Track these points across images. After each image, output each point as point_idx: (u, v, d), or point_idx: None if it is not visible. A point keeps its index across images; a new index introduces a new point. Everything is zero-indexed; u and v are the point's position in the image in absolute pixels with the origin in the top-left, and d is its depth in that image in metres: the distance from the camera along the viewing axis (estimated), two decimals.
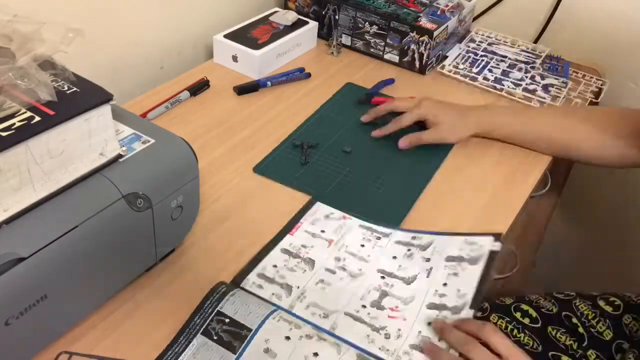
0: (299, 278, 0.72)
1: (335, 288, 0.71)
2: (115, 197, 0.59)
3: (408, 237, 0.78)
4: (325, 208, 0.83)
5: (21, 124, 0.53)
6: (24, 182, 0.54)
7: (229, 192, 0.85)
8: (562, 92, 1.10)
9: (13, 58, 0.55)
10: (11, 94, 0.54)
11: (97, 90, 0.59)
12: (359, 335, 0.66)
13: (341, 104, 1.06)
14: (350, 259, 0.75)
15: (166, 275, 0.72)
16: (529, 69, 1.16)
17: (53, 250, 0.54)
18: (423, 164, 0.93)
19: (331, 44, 1.20)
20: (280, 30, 1.16)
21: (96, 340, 0.64)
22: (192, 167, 0.68)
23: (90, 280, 0.62)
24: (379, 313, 0.69)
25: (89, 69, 0.67)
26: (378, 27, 1.16)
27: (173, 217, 0.68)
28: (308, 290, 0.71)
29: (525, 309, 0.92)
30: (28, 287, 0.54)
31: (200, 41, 1.18)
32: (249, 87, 1.07)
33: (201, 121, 0.98)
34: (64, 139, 0.56)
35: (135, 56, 1.06)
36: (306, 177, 0.89)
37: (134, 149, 0.64)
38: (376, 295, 0.71)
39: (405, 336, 0.66)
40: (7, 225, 0.53)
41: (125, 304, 0.68)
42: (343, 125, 1.00)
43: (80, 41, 0.58)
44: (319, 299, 0.70)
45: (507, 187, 0.90)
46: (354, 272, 0.74)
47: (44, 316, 0.57)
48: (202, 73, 1.08)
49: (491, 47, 1.23)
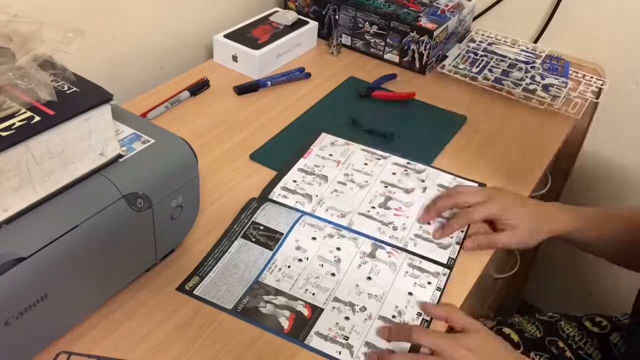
0: (316, 189, 0.86)
1: (348, 195, 0.86)
2: (115, 197, 0.59)
3: (404, 162, 0.92)
4: (330, 137, 0.96)
5: (21, 124, 0.53)
6: (24, 182, 0.54)
7: (229, 192, 0.85)
8: (562, 91, 1.10)
9: (13, 58, 0.55)
10: (11, 94, 0.54)
11: (97, 90, 0.59)
12: (372, 229, 0.80)
13: (342, 97, 1.08)
14: (356, 174, 0.89)
15: (166, 275, 0.72)
16: (529, 69, 1.16)
17: (53, 250, 0.54)
18: (422, 161, 0.93)
19: (331, 43, 1.20)
20: (280, 30, 1.16)
21: (96, 340, 0.64)
22: (192, 167, 0.68)
23: (91, 280, 0.62)
24: (386, 212, 0.83)
25: (89, 69, 0.67)
26: (378, 27, 1.16)
27: (173, 217, 0.68)
28: (325, 198, 0.85)
29: (507, 332, 0.89)
30: (28, 287, 0.54)
31: (200, 41, 1.18)
32: (249, 87, 1.07)
33: (201, 121, 0.98)
34: (64, 139, 0.56)
35: (135, 56, 1.06)
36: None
37: (134, 149, 0.64)
38: (382, 199, 0.85)
39: (410, 228, 0.81)
40: (7, 225, 0.53)
41: (125, 304, 0.68)
42: (344, 115, 1.02)
43: (80, 41, 0.58)
44: (336, 204, 0.84)
45: (507, 187, 0.90)
46: (362, 183, 0.88)
47: (44, 316, 0.57)
48: (202, 73, 1.08)
49: (491, 47, 1.23)
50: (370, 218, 0.82)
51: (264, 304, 0.69)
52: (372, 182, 0.88)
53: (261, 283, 0.72)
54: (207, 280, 0.72)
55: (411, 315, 0.70)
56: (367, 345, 0.66)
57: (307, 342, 0.66)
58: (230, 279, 0.72)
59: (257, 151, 0.93)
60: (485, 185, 0.89)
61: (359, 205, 0.84)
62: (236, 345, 0.65)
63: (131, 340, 0.65)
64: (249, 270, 0.73)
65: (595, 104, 1.16)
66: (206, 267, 0.73)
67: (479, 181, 0.90)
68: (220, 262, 0.74)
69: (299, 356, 0.65)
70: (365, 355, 0.65)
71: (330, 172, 0.89)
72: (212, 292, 0.70)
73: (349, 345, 0.66)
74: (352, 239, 0.78)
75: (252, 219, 0.79)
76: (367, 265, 0.75)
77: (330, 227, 0.80)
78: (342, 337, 0.67)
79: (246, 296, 0.70)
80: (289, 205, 0.83)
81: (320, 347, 0.66)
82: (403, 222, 0.82)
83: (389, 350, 0.66)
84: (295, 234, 0.77)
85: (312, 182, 0.87)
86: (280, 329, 0.67)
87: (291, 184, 0.86)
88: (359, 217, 0.82)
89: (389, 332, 0.67)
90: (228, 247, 0.76)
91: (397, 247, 0.78)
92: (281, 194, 0.84)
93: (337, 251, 0.76)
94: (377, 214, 0.83)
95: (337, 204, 0.84)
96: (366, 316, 0.69)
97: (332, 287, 0.72)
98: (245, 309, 0.69)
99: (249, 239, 0.77)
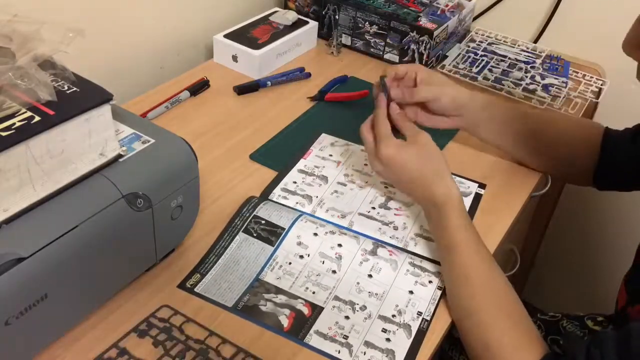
0: (316, 190, 0.86)
1: (348, 196, 0.85)
2: (115, 197, 0.59)
3: None
4: (330, 137, 0.96)
5: (21, 124, 0.53)
6: (24, 182, 0.54)
7: (229, 192, 0.85)
8: (562, 91, 1.10)
9: (13, 58, 0.55)
10: (11, 94, 0.54)
11: (97, 90, 0.59)
12: (372, 229, 0.80)
13: None
14: (356, 174, 0.89)
15: (166, 275, 0.72)
16: (529, 69, 1.16)
17: (53, 250, 0.54)
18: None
19: (331, 43, 1.20)
20: (280, 30, 1.16)
21: (96, 340, 0.64)
22: (192, 167, 0.68)
23: (91, 280, 0.62)
24: (386, 212, 0.83)
25: (89, 69, 0.67)
26: (378, 27, 1.16)
27: (173, 217, 0.68)
28: (325, 199, 0.85)
29: None
30: (28, 287, 0.54)
31: (200, 41, 1.18)
32: (249, 87, 1.07)
33: (201, 121, 0.98)
34: (64, 139, 0.56)
35: (135, 56, 1.06)
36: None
37: (134, 149, 0.64)
38: (382, 200, 0.85)
39: (410, 228, 0.81)
40: (7, 225, 0.53)
41: (125, 304, 0.68)
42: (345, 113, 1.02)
43: (80, 41, 0.58)
44: (336, 204, 0.84)
45: (507, 187, 0.90)
46: (362, 184, 0.88)
47: (44, 316, 0.57)
48: (202, 73, 1.08)
49: (491, 46, 1.23)
50: (370, 218, 0.82)
51: (264, 302, 0.69)
52: (372, 183, 0.88)
53: (262, 281, 0.72)
54: (208, 278, 0.72)
55: (411, 315, 0.70)
56: (367, 344, 0.66)
57: (306, 340, 0.66)
58: (231, 276, 0.72)
59: (257, 151, 0.93)
60: (485, 187, 0.88)
61: (359, 205, 0.84)
62: (236, 345, 0.65)
63: (131, 340, 0.65)
64: (249, 267, 0.73)
65: (595, 104, 1.16)
66: (207, 265, 0.73)
67: (480, 181, 0.90)
68: (222, 259, 0.74)
69: (300, 355, 0.65)
70: (365, 355, 0.65)
71: (330, 172, 0.89)
72: (213, 289, 0.71)
73: (348, 345, 0.66)
74: (354, 237, 0.78)
75: (254, 213, 0.79)
76: (369, 262, 0.75)
77: (332, 226, 0.80)
78: (342, 336, 0.67)
79: (247, 294, 0.70)
80: (289, 206, 0.83)
81: (319, 345, 0.66)
82: (404, 222, 0.82)
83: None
84: (296, 229, 0.77)
85: (312, 183, 0.87)
86: (280, 327, 0.67)
87: (291, 185, 0.86)
88: (360, 218, 0.82)
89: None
90: (229, 242, 0.76)
91: (397, 247, 0.78)
92: (281, 195, 0.84)
93: (338, 247, 0.76)
94: (377, 214, 0.83)
95: (337, 205, 0.84)
96: (366, 315, 0.69)
97: (332, 286, 0.72)
98: (246, 307, 0.69)
99: (250, 234, 0.77)
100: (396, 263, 0.75)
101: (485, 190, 0.89)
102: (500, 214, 0.85)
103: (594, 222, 1.44)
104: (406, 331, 0.68)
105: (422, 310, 0.71)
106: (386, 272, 0.74)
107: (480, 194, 0.88)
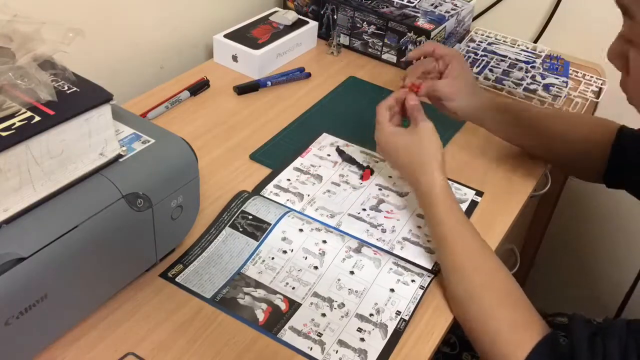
0: (309, 188, 0.86)
1: (340, 196, 0.85)
2: (115, 197, 0.59)
3: None
4: (331, 137, 0.96)
5: (21, 123, 0.53)
6: (24, 182, 0.54)
7: (229, 192, 0.85)
8: (562, 91, 1.10)
9: (13, 58, 0.55)
10: (11, 94, 0.54)
11: (97, 90, 0.59)
12: (360, 230, 0.80)
13: (343, 97, 1.08)
14: (352, 175, 0.89)
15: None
16: (530, 69, 1.16)
17: (53, 250, 0.54)
18: None
19: (331, 43, 1.20)
20: (280, 30, 1.16)
21: (96, 340, 0.64)
22: (192, 167, 0.68)
23: (91, 280, 0.62)
24: (376, 214, 0.83)
25: (89, 69, 0.67)
26: (376, 27, 1.16)
27: (173, 217, 0.68)
28: (317, 198, 0.84)
29: None
30: (28, 287, 0.54)
31: (200, 41, 1.18)
32: (249, 87, 1.07)
33: (201, 121, 0.98)
34: (64, 138, 0.56)
35: (135, 56, 1.06)
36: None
37: (134, 149, 0.64)
38: (374, 202, 0.85)
39: (399, 231, 0.81)
40: (7, 225, 0.53)
41: (125, 304, 0.68)
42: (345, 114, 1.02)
43: (80, 41, 0.58)
44: (326, 204, 0.83)
45: (507, 187, 0.90)
46: (356, 185, 0.87)
47: (44, 316, 0.57)
48: (202, 73, 1.08)
49: (491, 46, 1.23)
50: (359, 220, 0.82)
51: (242, 295, 0.70)
52: (366, 184, 0.87)
53: (243, 274, 0.72)
54: (190, 269, 0.72)
55: (389, 315, 0.69)
56: (340, 343, 0.66)
57: (279, 335, 0.66)
58: (213, 269, 0.73)
59: (257, 151, 0.93)
60: (483, 194, 0.88)
61: (350, 206, 0.83)
62: (236, 344, 0.65)
63: (131, 340, 0.65)
64: (232, 261, 0.74)
65: (595, 104, 1.16)
66: (191, 256, 0.74)
67: (480, 181, 0.90)
68: (206, 252, 0.75)
69: (298, 357, 0.65)
70: (337, 353, 0.65)
71: (325, 172, 0.89)
72: (193, 280, 0.71)
73: (321, 342, 0.66)
74: (340, 235, 0.78)
75: (242, 208, 0.80)
76: (352, 259, 0.75)
77: (319, 224, 0.80)
78: (316, 333, 0.67)
79: (226, 287, 0.71)
80: (279, 202, 0.83)
81: (292, 341, 0.66)
82: (393, 225, 0.81)
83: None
84: (282, 225, 0.77)
85: (306, 181, 0.87)
86: (255, 321, 0.67)
87: (284, 182, 0.86)
88: (348, 218, 0.82)
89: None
90: (216, 236, 0.77)
91: (382, 249, 0.77)
92: (273, 192, 0.84)
93: (322, 244, 0.76)
94: (367, 216, 0.82)
95: (327, 205, 0.83)
96: (343, 313, 0.69)
97: (312, 282, 0.72)
98: (224, 299, 0.69)
99: (236, 229, 0.77)
100: (380, 261, 0.75)
101: (482, 198, 0.87)
102: (500, 214, 0.85)
103: (594, 222, 1.44)
104: (382, 331, 0.68)
105: (402, 309, 0.70)
106: (369, 270, 0.74)
107: (477, 201, 0.87)
